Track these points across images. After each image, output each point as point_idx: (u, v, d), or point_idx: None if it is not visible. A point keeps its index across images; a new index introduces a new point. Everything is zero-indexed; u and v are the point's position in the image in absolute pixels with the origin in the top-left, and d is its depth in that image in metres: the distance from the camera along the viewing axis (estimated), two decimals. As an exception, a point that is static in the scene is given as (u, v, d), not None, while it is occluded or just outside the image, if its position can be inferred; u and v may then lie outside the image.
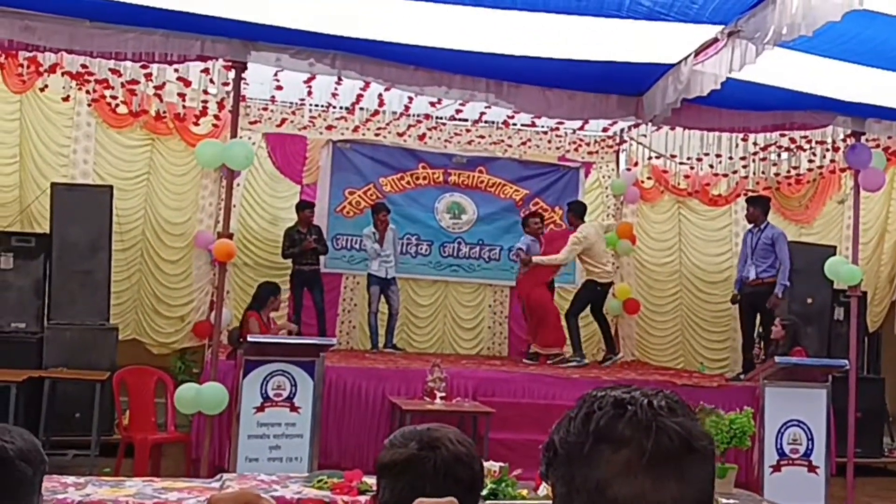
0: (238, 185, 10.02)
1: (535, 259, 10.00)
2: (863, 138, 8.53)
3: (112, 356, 8.37)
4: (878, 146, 9.20)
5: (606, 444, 0.94)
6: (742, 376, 9.35)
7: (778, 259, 9.47)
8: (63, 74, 8.09)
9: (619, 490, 0.93)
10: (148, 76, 7.89)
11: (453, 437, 1.72)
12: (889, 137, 9.58)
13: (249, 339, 6.94)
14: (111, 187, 9.09)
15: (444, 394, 7.78)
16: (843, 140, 9.03)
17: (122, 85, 8.21)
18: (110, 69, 7.83)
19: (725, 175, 11.38)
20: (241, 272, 10.30)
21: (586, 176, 11.79)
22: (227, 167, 7.30)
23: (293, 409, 6.96)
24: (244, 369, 6.94)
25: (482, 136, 11.02)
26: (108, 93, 8.60)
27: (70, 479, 3.95)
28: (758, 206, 9.87)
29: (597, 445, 0.95)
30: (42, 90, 9.06)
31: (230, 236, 7.37)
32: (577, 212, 10.26)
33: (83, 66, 7.82)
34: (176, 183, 10.18)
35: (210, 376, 7.17)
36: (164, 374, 8.05)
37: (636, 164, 11.54)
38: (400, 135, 10.70)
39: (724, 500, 3.94)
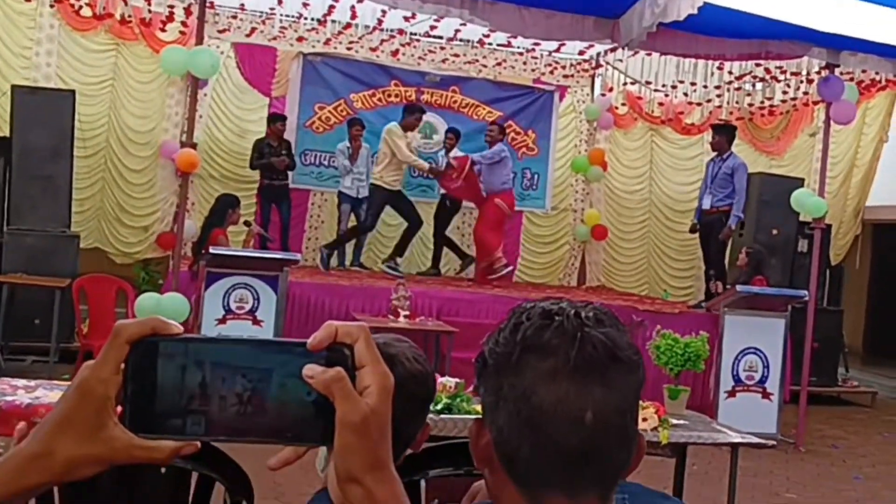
0: (205, 95, 9.84)
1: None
2: (836, 71, 8.49)
3: (73, 264, 8.28)
4: (851, 79, 9.17)
5: (533, 353, 0.95)
6: (703, 304, 9.45)
7: (735, 190, 9.41)
8: (24, -27, 7.83)
9: (543, 396, 0.94)
10: (112, -22, 7.66)
11: (410, 355, 1.70)
12: (863, 71, 9.55)
13: (212, 251, 6.87)
14: (73, 92, 8.86)
15: (407, 312, 7.80)
16: (818, 72, 8.99)
17: (86, -14, 7.97)
18: (73, -31, 7.59)
19: (699, 104, 11.36)
20: (207, 184, 10.16)
21: (560, 100, 11.68)
22: (192, 75, 7.14)
23: (255, 322, 6.95)
24: (206, 281, 6.91)
25: (456, 55, 10.85)
26: (71, -7, 8.35)
27: (21, 382, 3.90)
28: (723, 134, 9.65)
29: (524, 355, 0.96)
30: (4, -11, 8.77)
31: (194, 146, 7.26)
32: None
33: (45, -36, 7.56)
34: (141, 90, 9.97)
35: (171, 287, 7.13)
36: (124, 283, 7.98)
37: (611, 89, 11.47)
38: (372, 50, 10.51)
39: (674, 421, 4.00)
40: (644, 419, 3.93)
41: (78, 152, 8.98)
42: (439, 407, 4.00)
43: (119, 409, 0.80)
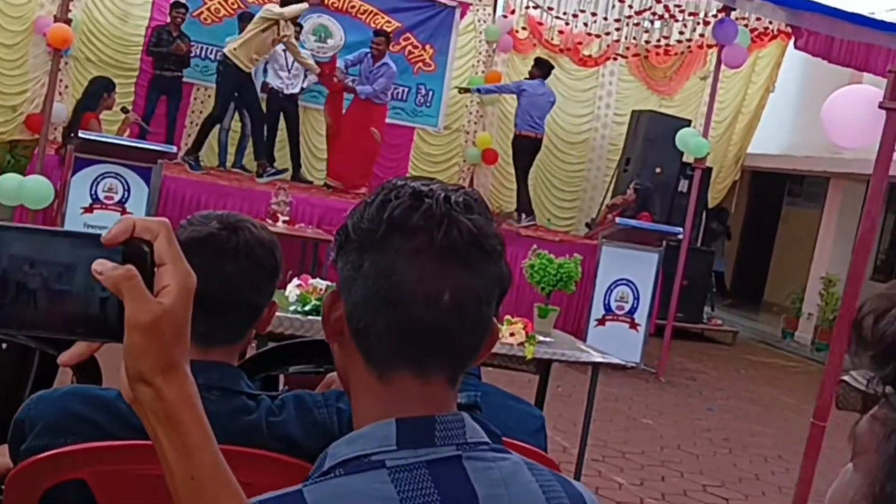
0: (86, -30, 9.24)
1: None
2: (732, 15, 8.59)
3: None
4: (745, 26, 9.33)
5: (398, 232, 0.93)
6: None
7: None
8: None
9: (403, 274, 0.92)
10: None
11: (256, 223, 1.64)
12: (757, 19, 9.73)
13: (81, 135, 6.49)
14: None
15: (287, 217, 7.64)
16: (714, 15, 9.09)
17: None
18: None
19: (598, 36, 11.36)
20: (83, 67, 9.60)
21: (462, 17, 11.48)
22: (70, -55, 6.65)
23: (124, 213, 6.64)
24: (73, 167, 6.56)
25: (358, -43, 10.49)
26: None
27: None
28: (539, 68, 9.93)
29: (389, 233, 0.94)
30: None
31: (68, 22, 6.80)
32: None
33: None
34: (16, -41, 9.26)
35: (36, 170, 6.75)
36: (-15, 161, 7.52)
37: (513, 11, 11.37)
38: (270, -59, 10.00)
39: (541, 338, 4.02)
40: (512, 334, 3.94)
41: (-59, 20, 8.32)
42: (307, 308, 3.92)
43: None
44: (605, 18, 10.71)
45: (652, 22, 10.86)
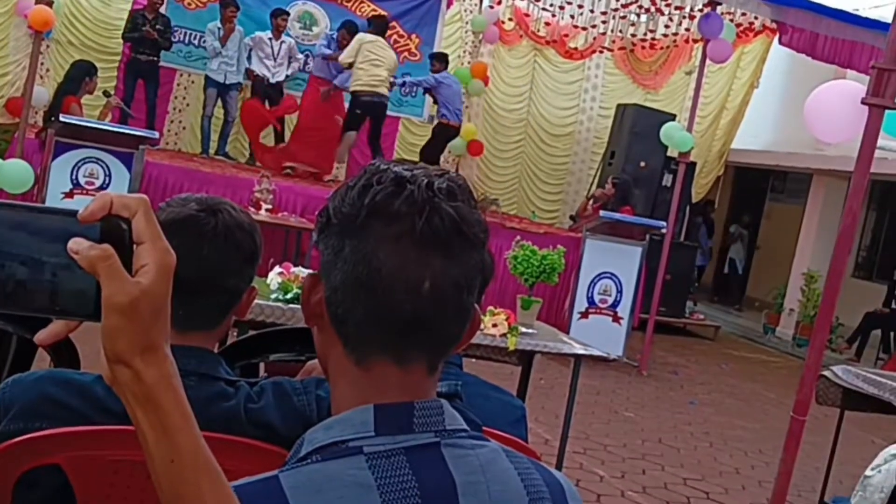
0: (68, -46, 9.14)
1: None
2: (718, 9, 8.60)
3: None
4: (731, 20, 9.34)
5: (379, 218, 0.92)
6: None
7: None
8: None
9: (383, 261, 0.91)
10: None
11: (236, 206, 1.61)
12: (743, 14, 9.76)
13: (62, 118, 6.42)
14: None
15: (270, 206, 7.60)
16: (700, 9, 9.10)
17: None
18: None
19: (584, 28, 11.35)
20: (65, 51, 9.52)
21: (448, 7, 11.44)
22: (53, -73, 6.57)
23: (104, 198, 6.58)
24: (54, 151, 6.49)
25: (345, -55, 10.43)
26: None
27: None
28: (440, 61, 10.05)
29: (370, 219, 0.92)
30: None
31: (50, 4, 6.73)
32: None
33: None
34: (-2, -58, 9.15)
35: (16, 154, 6.68)
36: (-36, 145, 7.43)
37: (500, 2, 11.33)
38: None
39: (524, 329, 4.02)
40: (494, 325, 3.93)
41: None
42: (289, 296, 3.89)
43: None
44: (592, 11, 10.70)
45: (638, 15, 10.86)
